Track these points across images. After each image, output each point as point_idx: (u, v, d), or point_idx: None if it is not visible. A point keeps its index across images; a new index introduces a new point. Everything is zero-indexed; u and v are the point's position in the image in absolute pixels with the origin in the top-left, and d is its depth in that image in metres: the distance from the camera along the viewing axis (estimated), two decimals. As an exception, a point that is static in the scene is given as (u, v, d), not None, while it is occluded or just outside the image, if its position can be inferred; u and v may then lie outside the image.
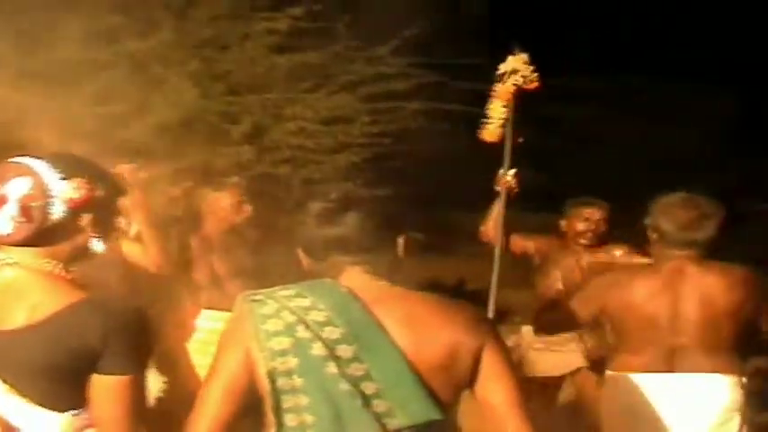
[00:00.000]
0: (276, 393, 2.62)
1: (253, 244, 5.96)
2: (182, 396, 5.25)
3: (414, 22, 9.54)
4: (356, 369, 2.61)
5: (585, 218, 6.44)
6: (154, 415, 4.77)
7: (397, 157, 9.54)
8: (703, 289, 4.56)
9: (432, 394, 2.65)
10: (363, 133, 9.73)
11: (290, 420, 2.63)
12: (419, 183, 10.49)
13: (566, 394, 6.70)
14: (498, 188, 5.86)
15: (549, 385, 6.53)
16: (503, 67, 5.86)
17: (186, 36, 9.06)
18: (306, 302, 2.68)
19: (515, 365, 2.86)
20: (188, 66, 8.88)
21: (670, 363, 4.57)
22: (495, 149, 5.84)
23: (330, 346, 2.61)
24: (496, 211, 5.90)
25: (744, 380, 4.62)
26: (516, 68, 5.79)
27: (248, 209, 5.83)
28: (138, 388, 2.81)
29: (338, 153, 9.73)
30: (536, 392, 6.27)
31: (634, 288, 4.64)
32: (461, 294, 5.76)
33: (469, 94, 9.59)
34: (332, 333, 2.62)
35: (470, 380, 2.74)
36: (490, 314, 5.11)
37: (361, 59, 9.94)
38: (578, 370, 6.34)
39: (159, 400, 4.77)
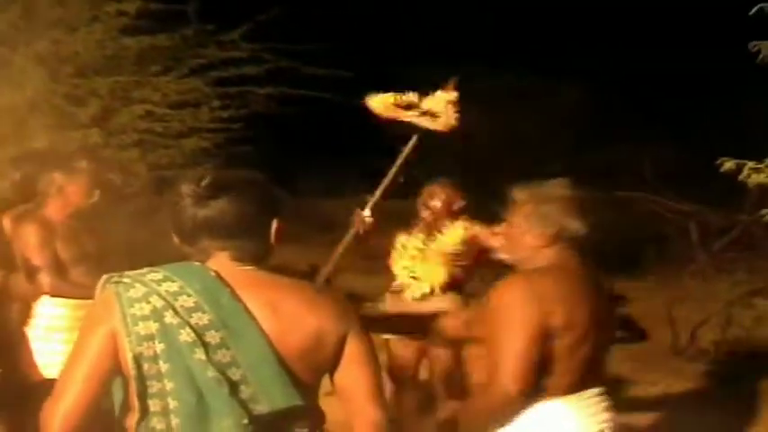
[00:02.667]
0: (142, 378, 2.61)
1: (98, 229, 5.84)
2: (21, 385, 5.17)
3: (265, 6, 9.53)
4: (223, 356, 2.61)
5: (425, 198, 6.55)
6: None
7: (248, 143, 9.49)
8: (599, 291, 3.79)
9: (294, 380, 2.67)
10: (213, 118, 9.70)
11: (153, 405, 2.63)
12: (270, 170, 10.47)
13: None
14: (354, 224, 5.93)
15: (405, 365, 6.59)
16: (427, 103, 5.80)
17: (34, 16, 8.86)
18: (174, 287, 2.66)
19: (375, 354, 2.88)
20: (35, 47, 8.70)
21: (585, 381, 3.72)
22: (342, 136, 5.85)
23: (199, 332, 2.60)
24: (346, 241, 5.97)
25: None
26: (437, 112, 5.76)
27: (96, 193, 5.72)
28: None
29: (187, 138, 9.67)
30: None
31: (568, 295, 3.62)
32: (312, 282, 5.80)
33: (321, 79, 9.64)
34: (200, 319, 2.62)
35: (333, 365, 2.79)
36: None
37: (212, 43, 9.90)
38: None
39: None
